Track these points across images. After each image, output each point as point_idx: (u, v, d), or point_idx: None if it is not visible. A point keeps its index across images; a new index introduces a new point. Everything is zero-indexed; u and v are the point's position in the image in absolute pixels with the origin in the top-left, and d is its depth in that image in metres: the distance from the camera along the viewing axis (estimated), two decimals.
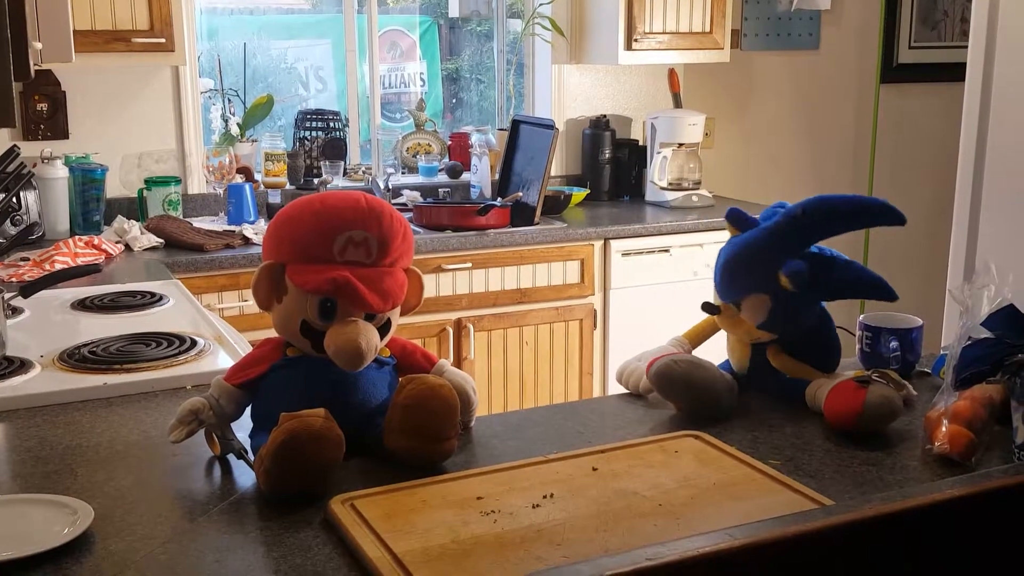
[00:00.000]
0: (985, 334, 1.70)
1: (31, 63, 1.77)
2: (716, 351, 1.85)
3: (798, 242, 1.71)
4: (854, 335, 1.95)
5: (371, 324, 1.49)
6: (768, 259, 1.69)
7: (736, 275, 1.73)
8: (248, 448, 1.50)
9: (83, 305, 2.47)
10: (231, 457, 1.51)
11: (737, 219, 1.77)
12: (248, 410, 1.55)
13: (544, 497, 1.37)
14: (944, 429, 1.52)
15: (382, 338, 1.52)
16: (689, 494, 1.38)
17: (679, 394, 1.70)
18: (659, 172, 4.23)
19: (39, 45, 2.13)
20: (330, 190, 1.41)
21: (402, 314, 1.57)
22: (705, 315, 1.84)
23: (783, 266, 1.66)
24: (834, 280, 1.71)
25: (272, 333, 1.56)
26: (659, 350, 1.83)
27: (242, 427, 1.55)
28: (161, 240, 3.38)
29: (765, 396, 1.78)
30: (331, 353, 1.46)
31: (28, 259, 2.97)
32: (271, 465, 1.35)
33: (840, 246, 1.74)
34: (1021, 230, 2.42)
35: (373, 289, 1.46)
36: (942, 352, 1.89)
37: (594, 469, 1.46)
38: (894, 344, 1.87)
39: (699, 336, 1.87)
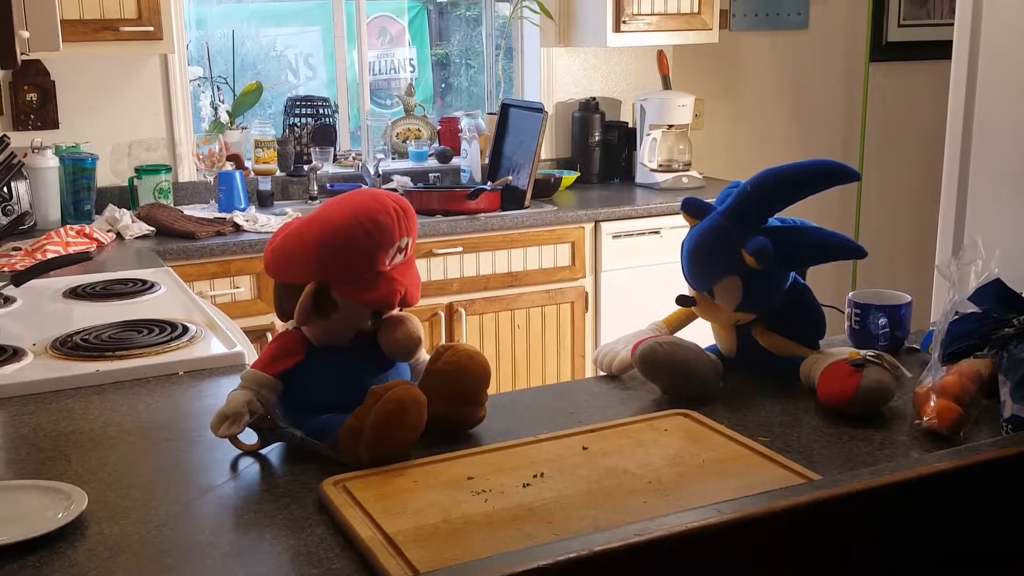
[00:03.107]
0: (972, 309, 1.70)
1: (17, 52, 1.77)
2: (703, 335, 1.85)
3: (756, 217, 1.71)
4: (843, 312, 1.96)
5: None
6: (730, 240, 1.69)
7: (702, 262, 1.73)
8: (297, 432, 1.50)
9: (75, 293, 2.47)
10: (225, 443, 1.51)
11: (694, 208, 1.77)
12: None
13: (535, 476, 1.38)
14: (932, 404, 1.53)
15: None
16: (678, 471, 1.40)
17: (664, 376, 1.70)
18: (649, 154, 4.23)
19: (26, 34, 2.12)
20: (354, 192, 1.43)
21: None
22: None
23: (747, 244, 1.66)
24: (800, 248, 1.71)
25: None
26: (638, 335, 1.83)
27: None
28: (152, 228, 3.38)
29: (755, 375, 1.79)
30: (393, 349, 1.55)
31: (20, 249, 2.97)
32: (378, 433, 1.40)
33: (828, 225, 1.74)
34: (1008, 205, 2.43)
35: (412, 286, 1.56)
36: (931, 328, 1.90)
37: (584, 448, 1.47)
38: (883, 321, 1.88)
39: (678, 323, 1.86)
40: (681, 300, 1.79)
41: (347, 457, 1.43)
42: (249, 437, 1.50)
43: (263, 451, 1.50)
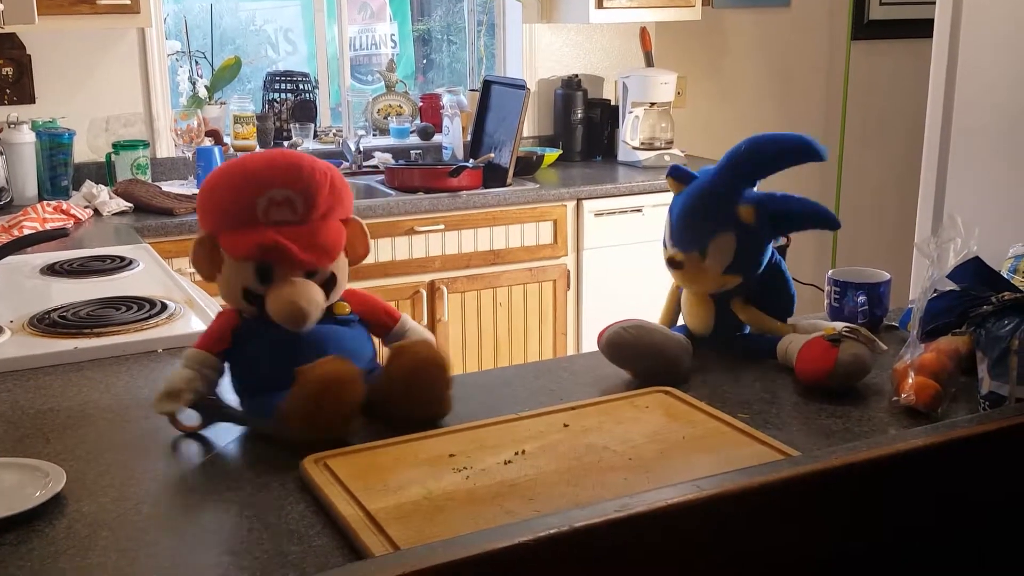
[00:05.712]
0: (951, 286, 1.71)
1: None
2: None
3: (748, 177, 1.74)
4: (822, 290, 1.97)
5: (312, 281, 1.47)
6: (726, 197, 1.72)
7: (698, 219, 1.74)
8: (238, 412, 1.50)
9: (52, 270, 2.45)
10: (200, 418, 1.51)
11: (681, 175, 1.80)
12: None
13: (516, 453, 1.38)
14: (911, 381, 1.54)
15: (331, 292, 1.51)
16: (658, 448, 1.40)
17: (632, 360, 1.69)
18: (631, 132, 4.22)
19: (0, 7, 2.10)
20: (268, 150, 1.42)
21: (351, 265, 1.56)
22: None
23: (742, 198, 1.69)
24: (786, 212, 1.74)
25: None
26: None
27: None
28: (130, 204, 3.35)
29: (729, 353, 1.79)
30: (275, 317, 1.45)
31: None
32: (306, 416, 1.38)
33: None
34: (987, 184, 2.44)
35: (305, 246, 1.45)
36: (910, 306, 1.91)
37: (565, 425, 1.47)
38: (862, 299, 1.88)
39: (670, 317, 1.85)
40: (672, 263, 1.78)
41: (286, 436, 1.41)
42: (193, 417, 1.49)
43: (202, 431, 1.49)
